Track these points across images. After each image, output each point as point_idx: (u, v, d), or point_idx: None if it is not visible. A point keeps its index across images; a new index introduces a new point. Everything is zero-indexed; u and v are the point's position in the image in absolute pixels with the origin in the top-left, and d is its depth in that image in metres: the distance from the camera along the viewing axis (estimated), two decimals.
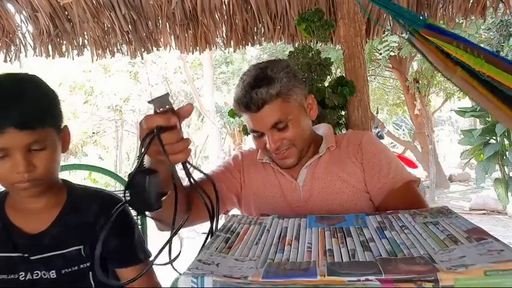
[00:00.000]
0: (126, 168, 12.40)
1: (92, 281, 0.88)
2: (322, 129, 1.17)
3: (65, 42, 2.57)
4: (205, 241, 0.67)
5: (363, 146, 1.06)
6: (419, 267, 0.42)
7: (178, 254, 0.67)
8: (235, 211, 1.11)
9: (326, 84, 2.24)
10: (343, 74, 2.25)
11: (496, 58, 1.33)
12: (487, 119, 7.17)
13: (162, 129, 0.64)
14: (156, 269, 0.92)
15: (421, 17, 1.57)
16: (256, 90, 0.93)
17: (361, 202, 1.01)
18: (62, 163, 0.95)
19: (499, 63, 1.32)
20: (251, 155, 1.17)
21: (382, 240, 0.53)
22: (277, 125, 0.95)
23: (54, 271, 0.84)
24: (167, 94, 0.65)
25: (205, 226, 0.76)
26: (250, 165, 1.15)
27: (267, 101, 0.93)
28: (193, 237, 5.19)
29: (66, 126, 0.88)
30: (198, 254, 0.55)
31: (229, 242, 0.59)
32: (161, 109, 0.64)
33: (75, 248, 0.86)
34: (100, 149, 13.87)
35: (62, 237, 0.85)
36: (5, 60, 2.57)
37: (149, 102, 0.65)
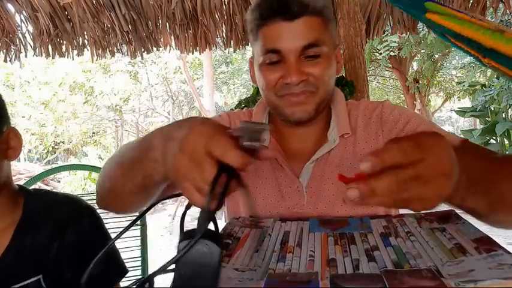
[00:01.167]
0: None
1: None
2: (333, 100, 0.86)
3: (65, 42, 2.57)
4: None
5: (384, 122, 0.81)
6: (426, 282, 0.40)
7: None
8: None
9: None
10: (343, 74, 2.25)
11: None
12: (487, 119, 7.17)
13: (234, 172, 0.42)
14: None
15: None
16: None
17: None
18: (61, 163, 0.88)
19: None
20: None
21: (387, 248, 0.52)
22: (310, 49, 0.72)
23: None
24: (266, 126, 0.44)
25: None
26: None
27: (310, 8, 0.71)
28: None
29: (10, 128, 0.74)
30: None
31: (229, 249, 0.57)
32: (248, 143, 0.44)
33: (34, 278, 0.71)
34: (100, 149, 13.87)
35: (19, 265, 0.70)
36: (5, 60, 2.57)
37: (241, 126, 0.45)
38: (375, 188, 0.37)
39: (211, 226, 0.41)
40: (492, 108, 7.02)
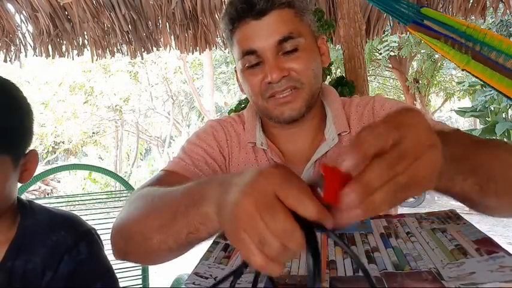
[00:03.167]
0: (126, 168, 12.40)
1: None
2: (329, 96, 0.84)
3: (65, 42, 2.57)
4: None
5: (375, 115, 0.80)
6: (427, 284, 0.40)
7: None
8: None
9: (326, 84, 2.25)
10: (343, 74, 2.25)
11: (483, 56, 1.30)
12: (487, 119, 7.17)
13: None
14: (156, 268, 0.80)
15: (410, 12, 1.53)
16: None
17: None
18: (61, 163, 0.82)
19: (486, 61, 1.28)
20: (236, 132, 0.85)
21: (387, 249, 0.51)
22: (286, 43, 0.69)
23: None
24: None
25: None
26: (238, 149, 0.82)
27: (277, 1, 0.69)
28: None
29: (32, 152, 0.71)
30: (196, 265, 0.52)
31: (229, 250, 0.56)
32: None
33: None
34: (100, 149, 13.88)
35: (9, 286, 0.67)
36: (5, 60, 2.57)
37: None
38: (369, 181, 0.32)
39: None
40: (492, 108, 7.03)
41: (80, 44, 2.59)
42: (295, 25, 0.71)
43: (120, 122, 12.85)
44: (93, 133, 13.45)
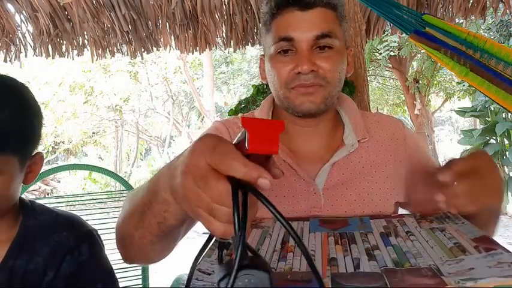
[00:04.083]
0: (126, 168, 12.41)
1: None
2: (344, 104, 0.87)
3: (65, 42, 2.57)
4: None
5: (408, 144, 0.85)
6: (427, 280, 0.40)
7: None
8: None
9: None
10: None
11: (481, 68, 1.32)
12: (487, 119, 7.17)
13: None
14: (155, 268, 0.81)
15: (412, 20, 1.54)
16: None
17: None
18: (62, 163, 0.82)
19: (484, 74, 1.31)
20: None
21: (387, 248, 0.52)
22: (322, 40, 0.72)
23: None
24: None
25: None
26: None
27: (323, 0, 0.73)
28: (193, 237, 5.19)
29: (38, 154, 0.72)
30: (199, 262, 0.52)
31: (230, 248, 0.57)
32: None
33: None
34: (100, 149, 13.88)
35: (10, 286, 0.67)
36: (5, 60, 2.57)
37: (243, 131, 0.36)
38: (456, 189, 0.56)
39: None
40: (492, 108, 7.02)
41: (80, 44, 2.59)
42: (335, 26, 0.75)
43: (120, 122, 12.86)
44: (93, 133, 13.45)
